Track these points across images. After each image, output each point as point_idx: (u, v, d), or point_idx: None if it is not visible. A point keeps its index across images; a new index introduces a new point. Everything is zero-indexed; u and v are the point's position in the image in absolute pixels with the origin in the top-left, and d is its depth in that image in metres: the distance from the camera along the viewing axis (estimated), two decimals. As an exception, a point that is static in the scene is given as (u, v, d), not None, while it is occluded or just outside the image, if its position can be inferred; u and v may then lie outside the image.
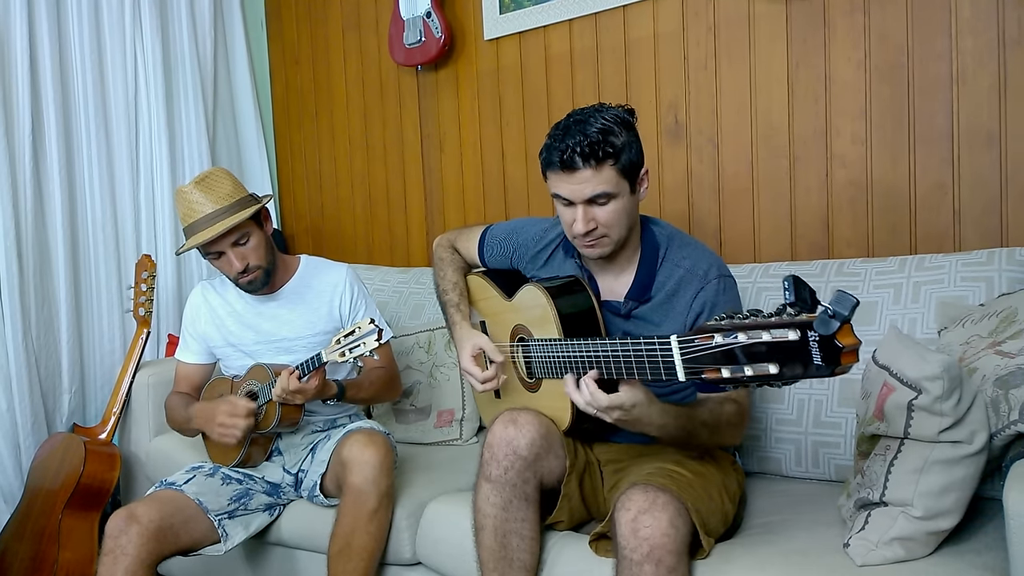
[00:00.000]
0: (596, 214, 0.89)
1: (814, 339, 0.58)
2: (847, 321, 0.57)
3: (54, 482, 1.43)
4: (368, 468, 1.04)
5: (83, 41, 1.67)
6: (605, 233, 0.91)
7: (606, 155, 0.86)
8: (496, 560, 0.90)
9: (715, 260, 0.95)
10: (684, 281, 0.93)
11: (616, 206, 0.89)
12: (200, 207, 1.11)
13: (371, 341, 0.98)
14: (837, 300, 0.57)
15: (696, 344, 0.66)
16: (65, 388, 1.64)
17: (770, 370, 0.60)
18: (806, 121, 1.26)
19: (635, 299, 0.94)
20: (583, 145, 0.86)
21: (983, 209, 1.12)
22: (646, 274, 0.94)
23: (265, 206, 1.17)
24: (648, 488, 0.79)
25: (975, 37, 1.11)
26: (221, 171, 1.17)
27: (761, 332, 0.60)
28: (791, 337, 0.58)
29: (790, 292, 0.59)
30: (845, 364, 0.58)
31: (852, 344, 0.58)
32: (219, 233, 1.09)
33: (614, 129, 0.87)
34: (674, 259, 0.94)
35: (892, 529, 0.77)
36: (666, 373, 0.71)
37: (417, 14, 1.62)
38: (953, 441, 0.75)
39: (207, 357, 1.27)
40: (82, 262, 1.68)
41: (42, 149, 1.61)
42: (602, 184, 0.87)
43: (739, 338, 0.61)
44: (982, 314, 0.93)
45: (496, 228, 1.12)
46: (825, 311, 0.57)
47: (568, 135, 0.87)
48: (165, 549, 1.04)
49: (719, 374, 0.63)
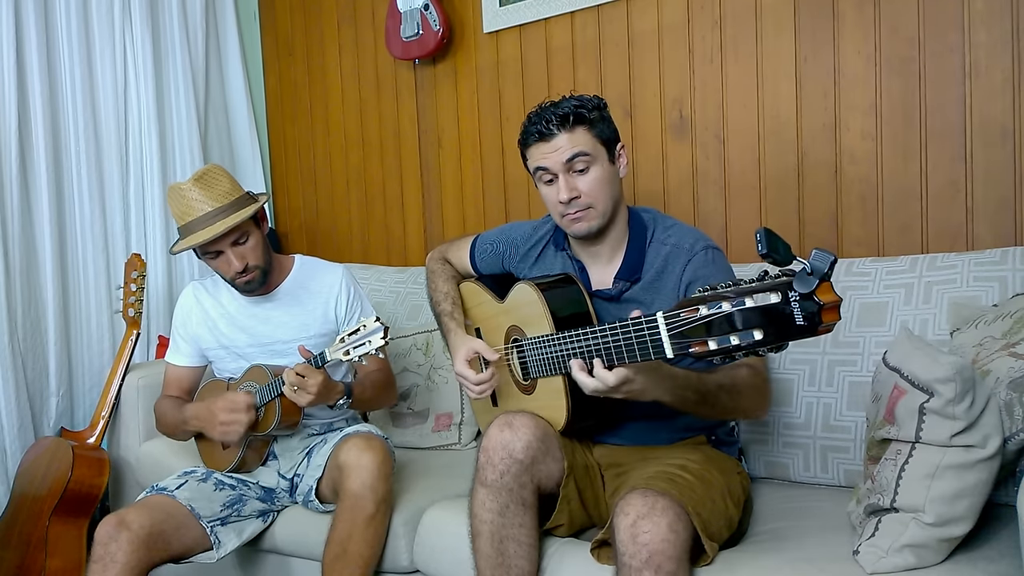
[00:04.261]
0: (577, 182, 0.91)
1: (795, 298, 0.58)
2: (827, 278, 0.57)
3: (41, 488, 1.41)
4: (366, 473, 1.02)
5: (71, 33, 1.63)
6: (589, 203, 0.92)
7: (579, 119, 0.91)
8: (493, 567, 0.88)
9: (699, 235, 0.95)
10: (671, 257, 0.93)
11: (596, 173, 0.91)
12: (199, 205, 1.09)
13: (377, 339, 0.96)
14: (815, 257, 0.57)
15: (681, 318, 0.66)
16: (52, 391, 1.61)
17: (755, 336, 0.60)
18: (814, 116, 1.24)
19: (625, 279, 0.95)
20: (556, 114, 0.91)
21: (997, 206, 1.11)
22: (635, 255, 0.95)
23: (262, 205, 1.15)
24: (647, 492, 0.78)
25: (988, 30, 1.09)
26: (218, 168, 1.15)
27: (744, 299, 0.60)
28: (773, 300, 0.59)
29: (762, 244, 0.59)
30: (827, 322, 0.58)
31: (832, 301, 0.58)
32: (220, 233, 1.07)
33: (586, 105, 0.92)
34: (660, 238, 0.96)
35: (903, 536, 0.76)
36: (655, 351, 0.71)
37: (414, 6, 1.60)
38: (966, 445, 0.74)
39: (198, 359, 1.25)
40: (70, 261, 1.65)
41: (29, 145, 1.58)
42: (579, 144, 0.90)
43: (723, 307, 0.61)
44: (996, 315, 0.92)
45: (486, 234, 1.14)
46: (804, 268, 0.58)
47: (542, 112, 0.93)
48: (156, 556, 1.03)
49: (706, 346, 0.63)
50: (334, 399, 1.08)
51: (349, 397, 1.10)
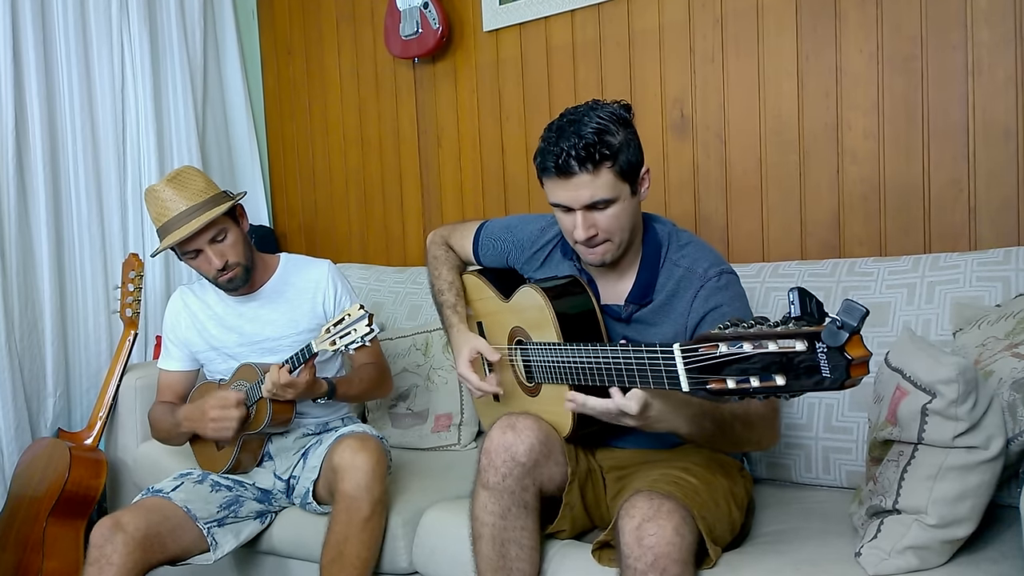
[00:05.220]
0: (596, 220, 0.87)
1: (822, 350, 0.56)
2: (856, 332, 0.55)
3: (38, 489, 1.40)
4: (360, 474, 1.01)
5: (68, 31, 1.62)
6: (607, 238, 0.88)
7: (603, 157, 0.83)
8: (494, 570, 0.88)
9: (714, 257, 0.92)
10: (683, 281, 0.90)
11: (616, 210, 0.86)
12: (173, 205, 1.08)
13: (362, 327, 0.95)
14: (845, 310, 0.55)
15: (700, 354, 0.64)
16: (50, 392, 1.60)
17: (777, 382, 0.58)
18: (816, 115, 1.23)
19: (636, 302, 0.92)
20: (578, 148, 0.83)
21: (999, 206, 1.10)
22: (648, 276, 0.92)
23: (239, 203, 1.15)
24: (653, 495, 0.78)
25: (991, 28, 1.09)
26: (192, 169, 1.15)
27: (767, 342, 0.58)
28: (798, 348, 0.57)
29: (795, 305, 0.57)
30: (855, 377, 0.56)
31: (862, 356, 0.56)
32: (196, 229, 1.06)
33: (610, 128, 0.84)
34: (673, 258, 0.92)
35: (906, 538, 0.76)
36: (669, 383, 0.69)
37: (414, 4, 1.59)
38: (969, 446, 0.73)
39: (190, 364, 1.24)
40: (67, 261, 1.65)
41: (26, 144, 1.57)
42: (600, 190, 0.85)
43: (744, 348, 0.59)
44: (998, 315, 0.91)
45: (492, 225, 1.09)
46: (833, 322, 0.55)
47: (562, 137, 0.84)
48: (152, 558, 1.02)
49: (724, 384, 0.61)
50: (316, 396, 1.08)
51: (331, 396, 1.09)
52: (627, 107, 0.88)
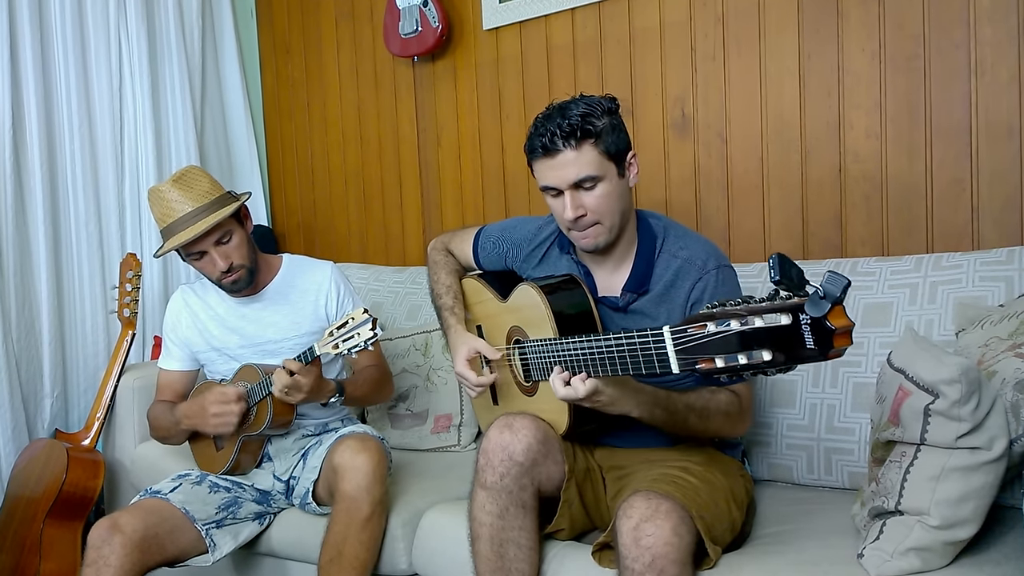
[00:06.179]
0: (584, 199, 0.88)
1: (806, 322, 0.57)
2: (839, 302, 0.56)
3: (35, 490, 1.40)
4: (360, 475, 1.01)
5: (66, 30, 1.62)
6: (596, 220, 0.89)
7: (586, 134, 0.86)
8: (493, 571, 0.87)
9: (713, 250, 0.93)
10: (682, 271, 0.91)
11: (603, 190, 0.88)
12: (179, 206, 1.07)
13: (366, 331, 0.95)
14: (828, 280, 0.56)
15: (689, 334, 0.65)
16: (47, 392, 1.60)
17: (764, 356, 0.59)
18: (818, 114, 1.23)
19: (633, 291, 0.93)
20: (563, 127, 0.86)
21: (1003, 206, 1.10)
22: (644, 266, 0.93)
23: (244, 204, 1.14)
24: (651, 495, 0.78)
25: (994, 26, 1.08)
26: (197, 169, 1.14)
27: (754, 318, 0.59)
28: (783, 321, 0.58)
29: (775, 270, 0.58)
30: (838, 347, 0.57)
31: (845, 326, 0.57)
32: (202, 231, 1.06)
33: (595, 111, 0.87)
34: (671, 249, 0.93)
35: (908, 539, 0.75)
36: (660, 366, 0.70)
37: (413, 3, 1.58)
38: (971, 447, 0.73)
39: (191, 364, 1.23)
40: (64, 261, 1.64)
41: (23, 143, 1.57)
42: (586, 167, 0.87)
43: (732, 325, 0.61)
44: (1001, 315, 0.91)
45: (490, 228, 1.11)
46: (816, 292, 0.57)
47: (548, 121, 0.88)
48: (150, 560, 1.01)
49: (713, 364, 0.62)
50: (326, 397, 1.07)
51: (341, 395, 1.09)
52: (613, 99, 0.91)
